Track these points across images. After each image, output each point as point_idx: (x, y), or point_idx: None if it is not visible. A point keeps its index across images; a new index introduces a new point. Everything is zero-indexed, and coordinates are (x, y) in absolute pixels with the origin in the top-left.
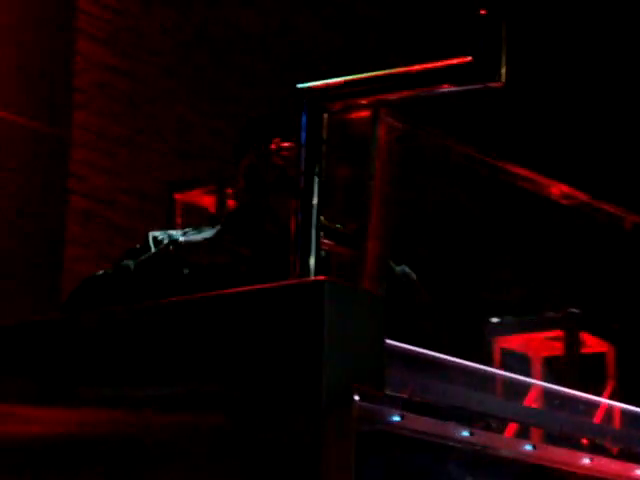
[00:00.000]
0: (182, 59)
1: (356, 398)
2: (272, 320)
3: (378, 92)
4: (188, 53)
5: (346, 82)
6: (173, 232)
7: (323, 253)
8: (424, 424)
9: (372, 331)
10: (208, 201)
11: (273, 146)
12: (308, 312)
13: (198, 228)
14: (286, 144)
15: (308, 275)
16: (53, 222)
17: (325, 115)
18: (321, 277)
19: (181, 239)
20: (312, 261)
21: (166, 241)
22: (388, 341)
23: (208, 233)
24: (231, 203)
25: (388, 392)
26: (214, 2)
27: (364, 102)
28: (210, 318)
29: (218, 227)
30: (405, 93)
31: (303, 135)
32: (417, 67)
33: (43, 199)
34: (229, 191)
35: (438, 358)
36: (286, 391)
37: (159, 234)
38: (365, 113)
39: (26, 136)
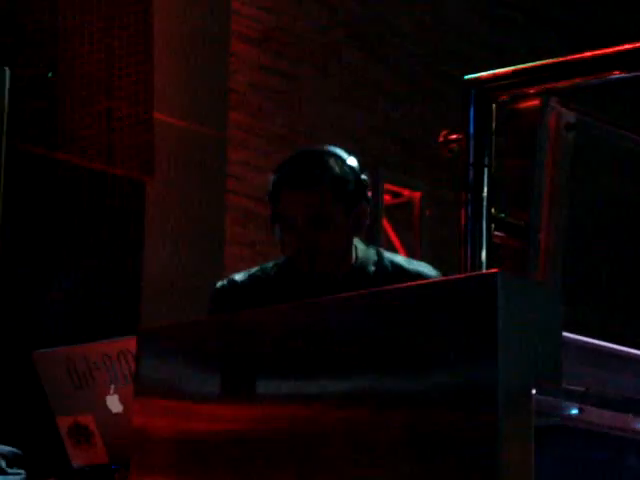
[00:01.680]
0: (334, 57)
1: (533, 392)
2: (446, 314)
3: (548, 80)
4: (340, 50)
5: (515, 71)
6: (237, 277)
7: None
8: (602, 417)
9: (548, 324)
10: None
11: (440, 139)
12: (482, 306)
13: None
14: (454, 136)
15: (480, 268)
16: (214, 223)
17: (493, 105)
18: (494, 270)
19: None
20: (483, 254)
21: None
22: (564, 333)
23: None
24: (387, 198)
25: (565, 385)
26: None
27: (533, 91)
28: (384, 313)
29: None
30: (576, 81)
31: (471, 127)
32: (588, 54)
33: (203, 200)
34: (384, 186)
35: (614, 350)
36: (463, 386)
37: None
38: (534, 102)
39: (183, 138)
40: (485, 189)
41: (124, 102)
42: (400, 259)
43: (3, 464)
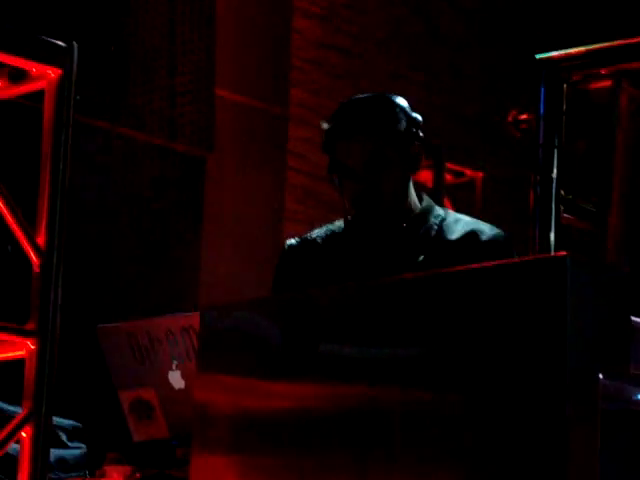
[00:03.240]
0: (396, 33)
1: (600, 376)
2: (512, 296)
3: (620, 61)
4: (402, 27)
5: (587, 52)
6: (307, 234)
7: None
8: None
9: (616, 308)
10: (426, 176)
11: (510, 118)
12: (550, 288)
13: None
14: (524, 116)
15: (548, 250)
16: (273, 199)
17: (564, 86)
18: (562, 252)
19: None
20: (552, 236)
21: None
22: (633, 318)
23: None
24: (449, 178)
25: (633, 370)
26: None
27: (605, 72)
28: (450, 294)
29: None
30: None
31: (542, 107)
32: None
33: (263, 177)
34: (447, 165)
35: None
36: (529, 369)
37: (294, 241)
38: (606, 83)
39: (245, 114)
40: (555, 170)
41: (186, 78)
42: (469, 221)
43: (64, 438)
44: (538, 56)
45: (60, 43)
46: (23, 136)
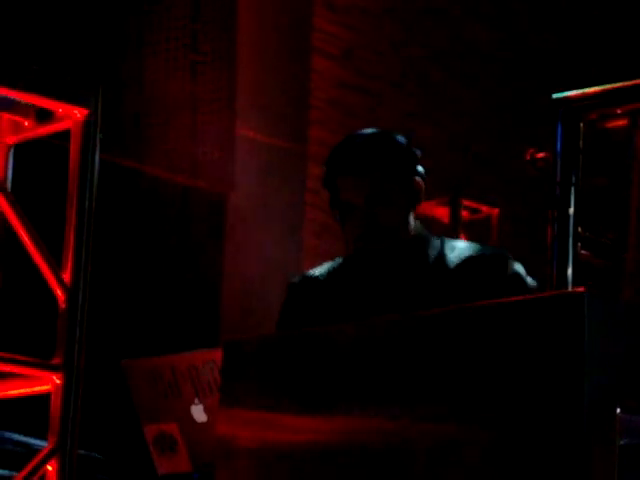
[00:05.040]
0: (413, 73)
1: (618, 411)
2: (531, 331)
3: (635, 101)
4: (418, 67)
5: (602, 91)
6: (310, 271)
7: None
8: None
9: (633, 342)
10: (441, 212)
11: (527, 157)
12: (568, 324)
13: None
14: (541, 154)
15: (566, 286)
16: (292, 234)
17: (581, 124)
18: (580, 288)
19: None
20: (569, 272)
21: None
22: None
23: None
24: (465, 214)
25: None
26: (441, 15)
27: (621, 111)
28: (467, 331)
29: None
30: None
31: (558, 145)
32: None
33: (282, 213)
34: (463, 202)
35: None
36: (547, 404)
37: (295, 279)
38: (622, 122)
39: (265, 152)
40: (572, 207)
41: (207, 117)
42: (466, 246)
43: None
44: (555, 95)
45: (86, 84)
46: (50, 174)
